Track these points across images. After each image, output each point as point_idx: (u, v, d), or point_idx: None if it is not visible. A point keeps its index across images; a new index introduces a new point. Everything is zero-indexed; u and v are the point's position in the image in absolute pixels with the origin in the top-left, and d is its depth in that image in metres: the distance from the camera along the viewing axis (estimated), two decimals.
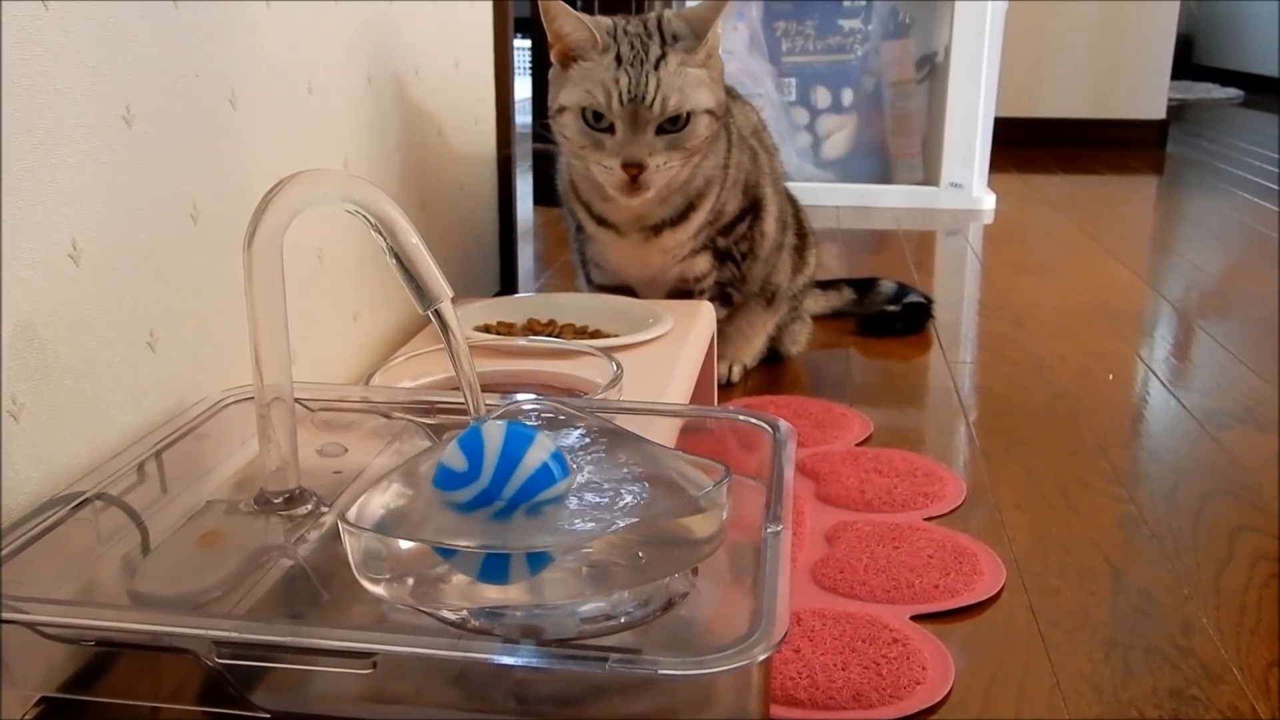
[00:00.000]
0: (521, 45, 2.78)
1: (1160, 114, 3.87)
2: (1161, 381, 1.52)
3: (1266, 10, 5.76)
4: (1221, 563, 1.01)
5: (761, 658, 0.49)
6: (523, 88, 2.28)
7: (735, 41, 2.71)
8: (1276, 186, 3.10)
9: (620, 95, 1.16)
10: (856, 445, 1.25)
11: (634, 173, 1.17)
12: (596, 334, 1.11)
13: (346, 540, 0.54)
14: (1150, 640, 0.88)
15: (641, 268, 1.34)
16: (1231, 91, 5.73)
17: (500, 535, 0.56)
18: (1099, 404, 1.41)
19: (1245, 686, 0.82)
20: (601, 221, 1.32)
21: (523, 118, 2.30)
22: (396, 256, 0.59)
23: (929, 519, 1.06)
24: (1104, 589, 0.96)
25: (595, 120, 1.18)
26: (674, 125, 1.19)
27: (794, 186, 1.60)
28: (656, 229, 1.30)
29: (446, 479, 0.58)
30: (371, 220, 0.59)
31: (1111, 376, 1.52)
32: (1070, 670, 0.84)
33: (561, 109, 1.20)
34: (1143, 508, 1.12)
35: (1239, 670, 0.84)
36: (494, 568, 0.54)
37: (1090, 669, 0.84)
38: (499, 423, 0.59)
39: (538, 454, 0.58)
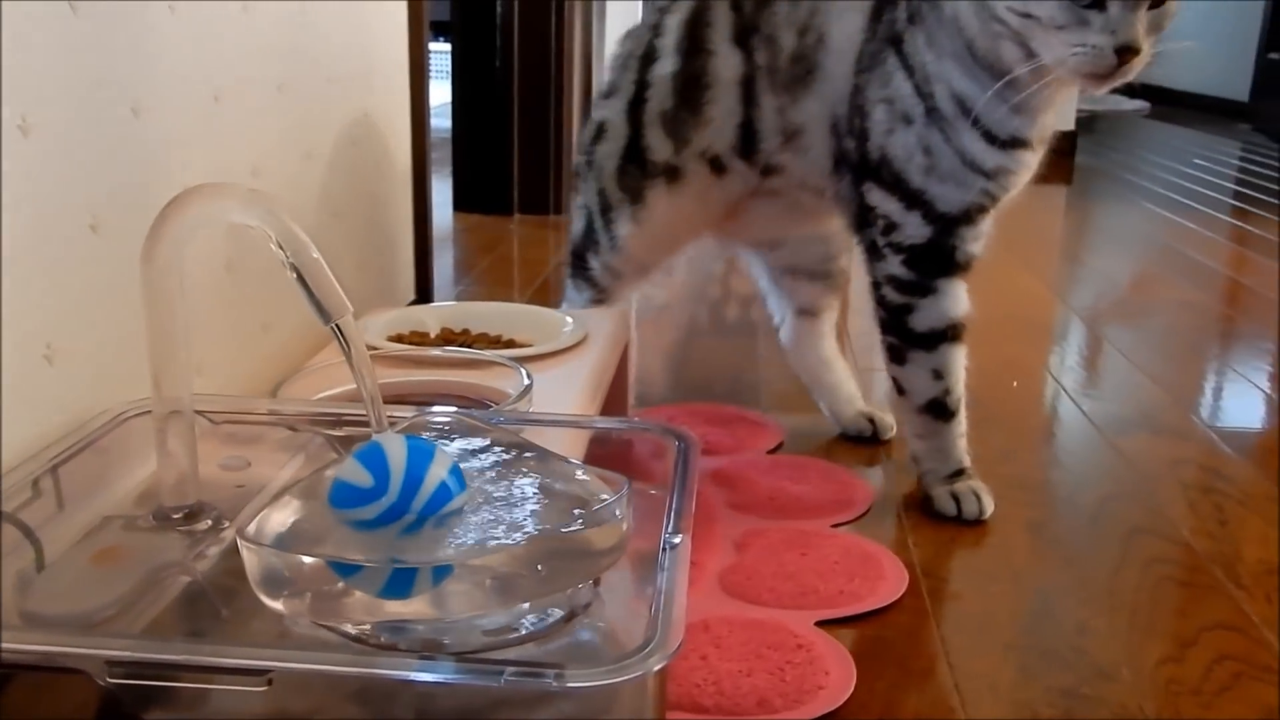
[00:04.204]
0: (440, 49, 2.77)
1: (1069, 125, 3.97)
2: (1065, 390, 1.56)
3: (1173, 25, 5.94)
4: (1116, 564, 1.05)
5: (656, 668, 0.49)
6: (440, 92, 2.27)
7: None
8: (1181, 198, 3.21)
9: None
10: (769, 452, 1.27)
11: (1127, 60, 0.94)
12: (511, 343, 1.12)
13: (245, 556, 0.54)
14: (1047, 641, 0.91)
15: None
16: (1139, 103, 5.89)
17: (401, 550, 0.56)
18: (1006, 412, 1.44)
19: (1135, 684, 0.85)
20: (1013, 144, 1.04)
21: (440, 121, 2.29)
22: (296, 271, 0.58)
23: (837, 525, 1.09)
24: (1004, 592, 0.99)
25: None
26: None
27: None
28: (1047, 140, 1.09)
29: (348, 496, 0.58)
30: (271, 235, 0.59)
31: (1016, 384, 1.56)
32: (969, 672, 0.86)
33: None
34: (1044, 512, 1.16)
35: (1129, 669, 0.87)
36: (398, 583, 0.55)
37: (988, 670, 0.86)
38: (399, 437, 0.60)
39: (439, 469, 0.58)
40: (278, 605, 0.55)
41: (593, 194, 1.25)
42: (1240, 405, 1.54)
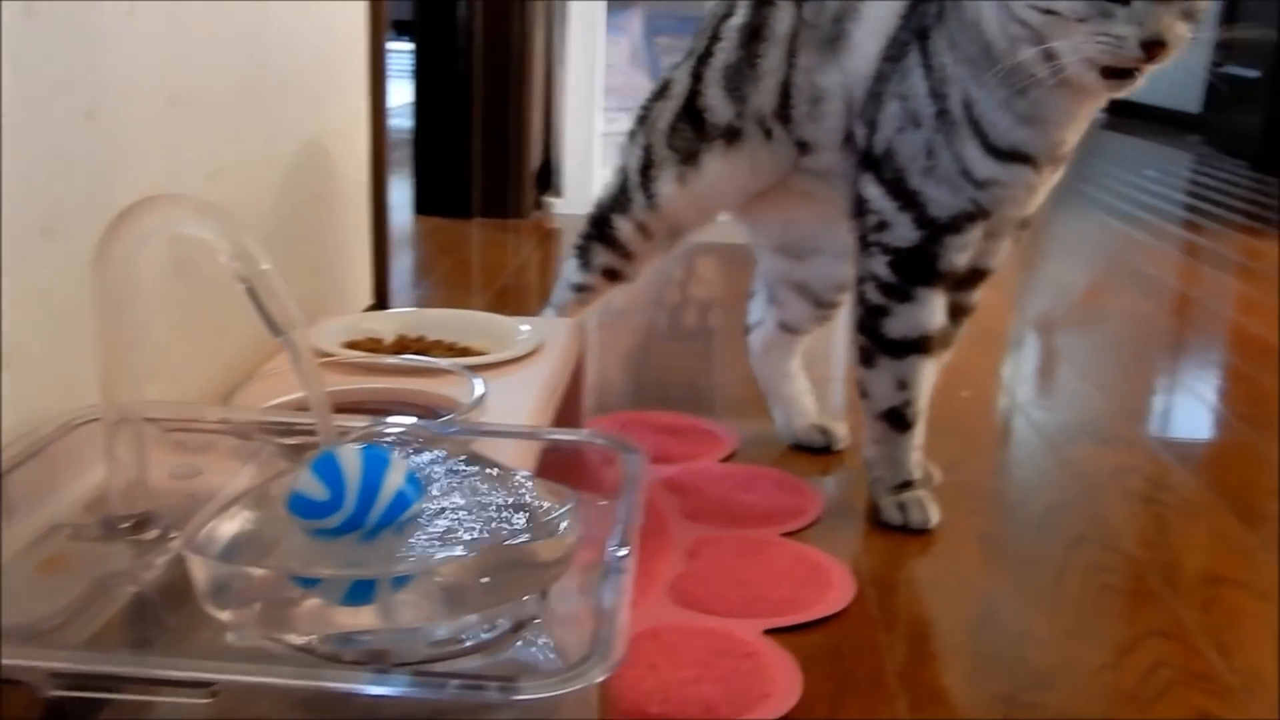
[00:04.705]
0: (402, 49, 2.76)
1: None
2: (1015, 399, 1.59)
3: None
4: (1059, 572, 1.07)
5: (600, 679, 0.50)
6: (401, 92, 2.27)
7: (616, 55, 2.74)
8: (1133, 209, 3.26)
9: None
10: (722, 461, 1.28)
11: (1155, 53, 0.92)
12: (466, 351, 1.12)
13: (191, 567, 0.54)
14: (989, 648, 0.93)
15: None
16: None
17: (360, 558, 0.57)
18: (956, 420, 1.47)
19: (1073, 691, 0.87)
20: (1013, 157, 1.03)
21: (400, 121, 2.29)
22: (247, 284, 0.59)
23: (787, 534, 1.10)
24: (949, 599, 1.01)
25: None
26: None
27: None
28: (1062, 159, 1.08)
29: (305, 508, 0.58)
30: (222, 248, 0.59)
31: (966, 393, 1.59)
32: (913, 679, 0.87)
33: None
34: (991, 520, 1.18)
35: (1068, 675, 0.89)
36: (359, 591, 0.55)
37: (931, 678, 0.88)
38: (354, 448, 0.60)
39: (395, 477, 0.59)
40: (224, 616, 0.55)
41: (637, 152, 1.24)
42: (1185, 416, 1.58)
